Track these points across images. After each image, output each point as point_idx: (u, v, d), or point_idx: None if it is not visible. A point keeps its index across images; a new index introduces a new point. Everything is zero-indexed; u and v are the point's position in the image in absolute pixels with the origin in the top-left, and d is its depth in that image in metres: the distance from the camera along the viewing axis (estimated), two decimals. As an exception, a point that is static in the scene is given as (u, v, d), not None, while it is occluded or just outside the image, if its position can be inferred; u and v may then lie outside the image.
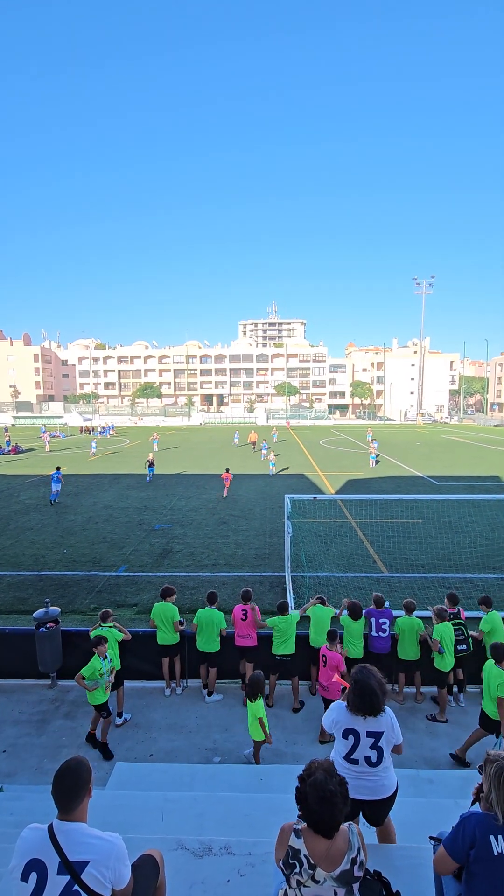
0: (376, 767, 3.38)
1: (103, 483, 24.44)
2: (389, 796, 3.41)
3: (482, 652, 6.83)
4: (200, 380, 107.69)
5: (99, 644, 5.93)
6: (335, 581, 11.26)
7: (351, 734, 3.40)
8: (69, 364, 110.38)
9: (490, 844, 2.34)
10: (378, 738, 3.38)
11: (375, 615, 6.88)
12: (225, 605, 9.95)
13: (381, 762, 3.39)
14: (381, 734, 3.39)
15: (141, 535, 15.21)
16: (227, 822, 3.97)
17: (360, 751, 3.38)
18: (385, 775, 3.42)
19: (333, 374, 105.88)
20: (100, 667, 5.78)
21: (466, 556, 12.80)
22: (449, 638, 6.49)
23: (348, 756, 3.41)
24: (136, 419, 80.00)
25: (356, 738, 3.38)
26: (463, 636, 6.73)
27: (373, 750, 3.38)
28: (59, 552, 13.54)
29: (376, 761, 3.38)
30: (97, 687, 5.73)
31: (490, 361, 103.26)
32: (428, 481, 24.24)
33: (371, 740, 3.38)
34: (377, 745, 3.38)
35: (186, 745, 5.90)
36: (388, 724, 3.43)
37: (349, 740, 3.40)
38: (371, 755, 3.37)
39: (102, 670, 5.80)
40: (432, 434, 55.67)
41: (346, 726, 3.42)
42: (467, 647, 6.72)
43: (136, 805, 4.22)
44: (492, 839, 2.34)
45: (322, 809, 2.26)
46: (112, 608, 9.83)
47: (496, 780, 2.41)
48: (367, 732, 3.38)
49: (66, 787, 2.26)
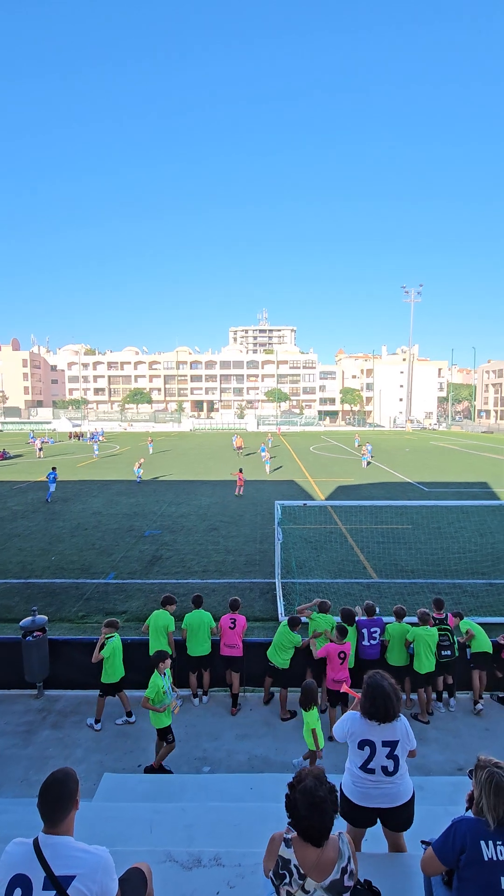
0: (393, 776, 3.32)
1: (92, 489, 24.23)
2: (407, 802, 3.35)
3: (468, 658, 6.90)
4: (191, 386, 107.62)
5: (162, 660, 5.59)
6: (325, 587, 11.25)
7: (367, 745, 3.32)
8: (58, 370, 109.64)
9: (481, 850, 2.34)
10: (394, 747, 3.31)
11: (367, 625, 6.87)
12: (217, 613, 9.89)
13: (397, 770, 3.33)
14: (397, 743, 3.32)
15: (130, 541, 15.08)
16: (216, 832, 3.92)
17: (376, 761, 3.31)
18: (401, 782, 3.35)
19: (323, 381, 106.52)
20: (162, 684, 5.38)
21: (455, 562, 12.88)
22: (424, 641, 6.53)
23: (364, 766, 3.34)
24: (125, 425, 79.59)
25: (372, 749, 3.30)
26: (448, 642, 6.76)
27: (389, 759, 3.31)
28: (47, 559, 13.37)
29: (393, 770, 3.31)
30: (166, 708, 5.37)
31: (477, 369, 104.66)
32: (417, 487, 24.41)
33: (387, 749, 3.30)
34: (393, 755, 3.31)
35: (175, 755, 5.81)
36: (402, 731, 3.36)
37: (365, 751, 3.32)
38: (388, 764, 3.30)
39: (165, 688, 5.41)
40: (421, 440, 56.15)
41: (362, 737, 3.34)
42: (452, 654, 6.74)
43: (124, 817, 4.15)
44: (482, 845, 2.34)
45: (312, 816, 2.24)
46: (101, 616, 9.74)
47: (487, 786, 2.41)
48: (382, 742, 3.30)
49: (52, 800, 2.22)
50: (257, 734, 6.22)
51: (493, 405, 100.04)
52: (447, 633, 6.80)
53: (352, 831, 3.45)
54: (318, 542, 15.02)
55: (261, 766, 5.63)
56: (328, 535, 15.75)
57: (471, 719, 6.56)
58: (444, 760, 5.76)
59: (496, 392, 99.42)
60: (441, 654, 6.68)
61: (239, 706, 6.73)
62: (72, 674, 7.07)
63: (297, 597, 10.56)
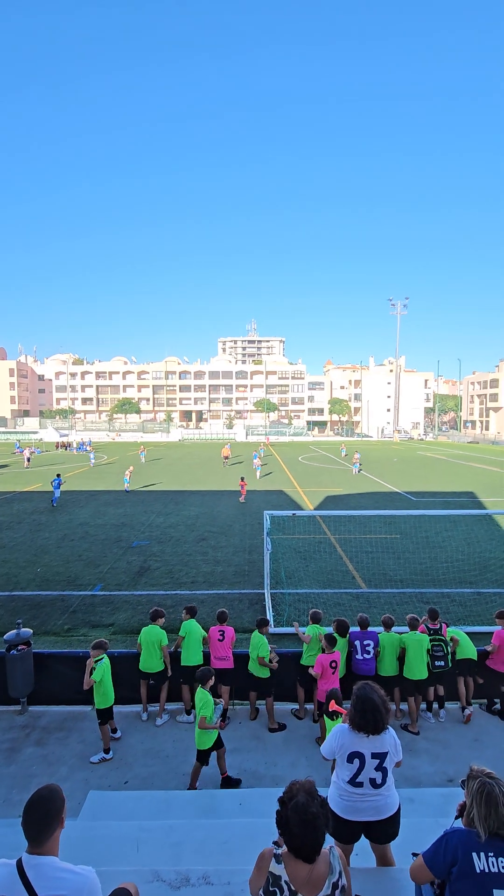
0: (380, 788, 3.32)
1: (79, 500, 23.95)
2: (394, 814, 3.35)
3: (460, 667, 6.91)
4: (180, 396, 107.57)
5: (207, 678, 5.48)
6: (315, 598, 11.22)
7: (356, 757, 3.32)
8: (46, 379, 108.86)
9: (472, 861, 2.32)
10: (383, 759, 3.32)
11: (360, 637, 6.84)
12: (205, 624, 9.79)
13: (385, 782, 3.33)
14: (386, 755, 3.33)
15: (118, 552, 14.91)
16: (204, 850, 3.84)
17: (364, 773, 3.30)
18: (389, 794, 3.36)
19: (312, 392, 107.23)
20: (212, 701, 5.31)
21: (443, 571, 12.95)
22: (415, 647, 6.56)
23: (353, 780, 3.33)
24: (114, 435, 79.11)
25: (361, 761, 3.30)
26: (442, 652, 6.76)
27: (378, 771, 3.31)
28: (32, 571, 13.14)
29: (381, 782, 3.32)
30: (215, 726, 5.28)
31: (462, 380, 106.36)
32: (405, 497, 24.58)
33: (376, 762, 3.31)
34: (382, 766, 3.32)
35: (163, 771, 5.71)
36: (391, 743, 3.37)
37: (354, 764, 3.32)
38: (376, 777, 3.31)
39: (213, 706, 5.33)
40: (408, 450, 56.68)
41: (351, 749, 3.34)
42: (445, 664, 6.74)
43: (110, 835, 4.05)
44: (474, 856, 2.33)
45: (305, 833, 2.20)
46: (87, 629, 9.59)
47: (479, 797, 2.40)
48: (372, 754, 3.31)
49: (37, 818, 2.16)
50: (246, 748, 6.14)
51: (479, 416, 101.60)
52: (441, 643, 6.80)
53: (339, 846, 3.41)
54: (307, 552, 15.00)
55: (250, 781, 5.55)
56: (317, 545, 15.74)
57: (460, 730, 6.55)
58: (434, 772, 5.73)
59: (481, 403, 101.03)
60: (435, 665, 6.67)
61: (228, 720, 6.64)
62: (57, 689, 6.93)
63: (286, 607, 10.51)
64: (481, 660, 6.94)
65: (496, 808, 2.35)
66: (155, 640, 6.72)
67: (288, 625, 9.20)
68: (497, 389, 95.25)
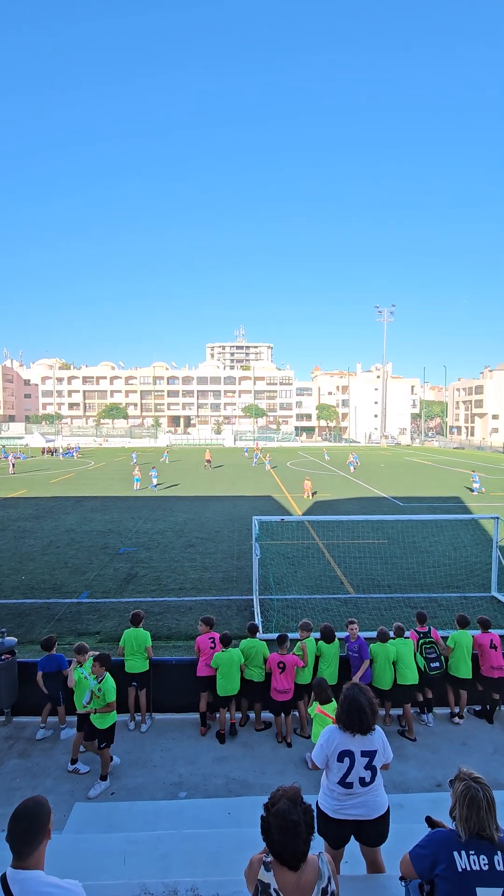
0: (369, 786, 3.39)
1: (65, 506, 23.67)
2: (383, 814, 3.40)
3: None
4: (168, 401, 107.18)
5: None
6: (303, 603, 11.21)
7: (346, 756, 3.38)
8: (32, 384, 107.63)
9: (455, 861, 2.38)
10: (372, 757, 3.40)
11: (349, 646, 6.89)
12: (193, 631, 9.72)
13: (374, 781, 3.41)
14: (375, 753, 3.41)
15: (104, 559, 14.74)
16: (193, 861, 3.80)
17: (354, 773, 3.36)
18: (378, 792, 3.43)
19: (300, 397, 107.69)
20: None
21: (431, 576, 13.04)
22: (404, 653, 6.60)
23: (343, 780, 3.38)
24: (101, 440, 78.46)
25: (351, 760, 3.37)
26: (435, 654, 6.80)
27: (367, 770, 3.39)
28: (17, 579, 12.92)
29: (370, 781, 3.39)
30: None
31: (448, 387, 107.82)
32: (392, 502, 24.75)
33: (366, 760, 3.38)
34: (371, 765, 3.40)
35: (150, 781, 5.63)
36: (380, 742, 3.45)
37: (344, 763, 3.38)
38: (365, 776, 3.38)
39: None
40: (395, 456, 57.16)
41: (342, 748, 3.39)
42: (440, 665, 6.77)
43: (97, 848, 3.97)
44: (456, 856, 2.39)
45: (285, 840, 2.19)
46: (73, 637, 9.45)
47: (462, 799, 2.48)
48: (361, 752, 3.38)
49: (22, 831, 2.11)
50: (234, 756, 6.09)
51: (464, 421, 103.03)
52: (433, 645, 6.84)
53: (330, 853, 3.42)
54: (295, 557, 15.00)
55: (239, 790, 5.50)
56: (305, 551, 15.75)
57: (449, 734, 6.58)
58: (423, 777, 5.74)
59: (466, 409, 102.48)
60: (431, 667, 6.70)
61: (208, 726, 6.59)
62: (41, 699, 6.79)
63: (274, 613, 10.48)
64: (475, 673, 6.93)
65: (478, 812, 2.41)
66: (141, 642, 6.69)
67: (277, 630, 9.16)
68: (482, 396, 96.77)
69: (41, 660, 6.59)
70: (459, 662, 6.84)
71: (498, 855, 2.37)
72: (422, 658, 6.75)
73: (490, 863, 2.35)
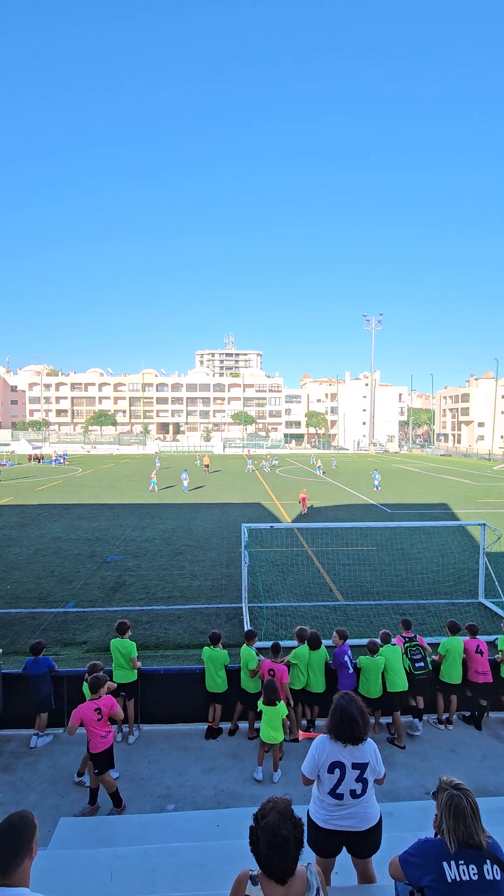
0: (360, 798, 3.32)
1: (52, 513, 23.38)
2: (375, 825, 3.34)
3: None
4: (156, 408, 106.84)
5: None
6: (293, 611, 11.19)
7: (337, 767, 3.32)
8: (19, 390, 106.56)
9: (444, 871, 2.38)
10: (363, 769, 3.33)
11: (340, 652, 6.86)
12: (182, 640, 9.64)
13: (365, 793, 3.34)
14: (367, 765, 3.34)
15: (92, 567, 14.57)
16: (181, 876, 3.73)
17: (345, 784, 3.30)
18: (369, 804, 3.36)
19: (289, 405, 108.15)
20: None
21: (419, 583, 13.11)
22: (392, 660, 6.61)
23: (333, 791, 3.32)
24: (88, 447, 77.82)
25: (342, 772, 3.31)
26: (420, 655, 6.83)
27: (358, 782, 3.31)
28: (2, 588, 12.70)
29: (361, 793, 3.32)
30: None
31: (435, 395, 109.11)
32: (381, 509, 24.88)
33: (357, 772, 3.31)
34: (362, 777, 3.33)
35: (137, 794, 5.54)
36: (372, 753, 3.38)
37: (335, 774, 3.32)
38: (356, 788, 3.31)
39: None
40: (384, 463, 57.54)
41: (332, 759, 3.33)
42: (426, 665, 6.80)
43: (83, 864, 3.89)
44: (445, 866, 2.39)
45: (272, 855, 2.16)
46: (59, 647, 9.30)
47: (447, 810, 2.47)
48: (352, 764, 3.31)
49: (5, 847, 2.06)
50: (223, 767, 6.02)
51: (451, 429, 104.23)
52: (418, 647, 6.87)
53: (321, 863, 3.38)
54: (284, 564, 14.98)
55: (227, 801, 5.43)
56: (295, 558, 15.74)
57: (437, 742, 6.58)
58: (413, 785, 5.73)
59: (453, 416, 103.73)
60: (415, 667, 6.72)
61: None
62: (26, 711, 6.66)
63: (263, 621, 10.43)
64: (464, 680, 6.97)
65: (464, 820, 2.41)
66: (126, 652, 6.60)
67: (266, 639, 9.11)
68: (468, 403, 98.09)
69: (28, 661, 6.53)
70: (451, 669, 6.87)
71: (487, 864, 2.36)
72: (407, 660, 6.78)
73: (479, 872, 2.35)
